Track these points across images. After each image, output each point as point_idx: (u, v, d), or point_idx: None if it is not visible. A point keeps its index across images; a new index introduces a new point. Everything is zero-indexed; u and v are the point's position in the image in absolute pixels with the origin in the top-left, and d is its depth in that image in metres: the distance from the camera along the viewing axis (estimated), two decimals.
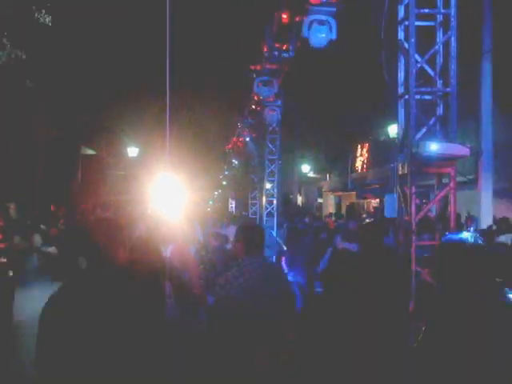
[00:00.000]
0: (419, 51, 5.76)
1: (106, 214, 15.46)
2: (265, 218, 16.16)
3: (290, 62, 10.71)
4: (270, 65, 11.22)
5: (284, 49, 10.02)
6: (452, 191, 5.70)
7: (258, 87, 11.72)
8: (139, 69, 20.23)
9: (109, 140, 28.51)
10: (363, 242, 7.41)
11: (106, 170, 28.09)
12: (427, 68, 5.83)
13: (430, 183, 6.33)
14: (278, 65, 11.09)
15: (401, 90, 5.97)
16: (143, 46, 17.99)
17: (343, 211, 29.94)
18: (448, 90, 5.70)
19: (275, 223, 16.07)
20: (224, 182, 36.56)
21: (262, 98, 12.26)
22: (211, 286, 8.33)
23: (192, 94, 21.93)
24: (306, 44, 7.46)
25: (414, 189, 5.65)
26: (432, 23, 5.89)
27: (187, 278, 6.46)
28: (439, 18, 5.86)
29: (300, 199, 38.43)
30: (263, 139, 16.51)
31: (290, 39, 9.42)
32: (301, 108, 22.54)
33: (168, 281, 5.25)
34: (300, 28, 7.55)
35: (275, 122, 14.86)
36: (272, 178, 16.34)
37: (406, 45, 5.77)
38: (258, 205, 19.80)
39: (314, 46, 7.25)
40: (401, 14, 5.94)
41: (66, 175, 23.42)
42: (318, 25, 7.20)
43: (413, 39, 5.65)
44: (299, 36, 8.01)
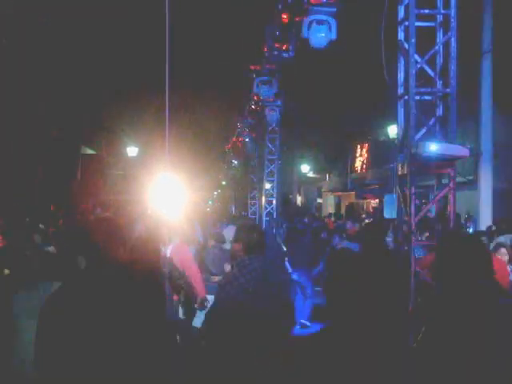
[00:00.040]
0: (419, 52, 5.76)
1: (105, 213, 15.47)
2: (264, 218, 16.15)
3: (289, 62, 10.72)
4: (269, 65, 11.23)
5: (284, 49, 10.03)
6: (451, 191, 5.70)
7: (258, 87, 11.74)
8: (139, 69, 20.22)
9: (109, 140, 28.52)
10: (364, 241, 7.42)
11: (105, 169, 28.11)
12: (427, 68, 5.82)
13: (430, 183, 6.34)
14: (277, 65, 11.10)
15: (400, 90, 5.97)
16: (143, 46, 17.99)
17: (343, 211, 29.99)
18: (448, 90, 5.70)
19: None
20: (223, 182, 36.57)
21: (261, 98, 12.27)
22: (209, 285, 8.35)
23: (192, 93, 21.92)
24: (306, 44, 7.45)
25: (413, 189, 5.64)
26: (432, 24, 5.89)
27: (188, 278, 6.48)
28: (439, 18, 5.85)
29: (299, 199, 38.44)
30: (263, 139, 16.50)
31: (290, 39, 9.42)
32: (301, 108, 22.52)
33: (167, 281, 5.26)
34: (300, 28, 7.55)
35: (275, 122, 14.86)
36: (271, 178, 16.33)
37: (406, 45, 5.76)
38: (257, 205, 19.78)
39: (314, 46, 7.25)
40: (401, 14, 5.94)
41: (66, 175, 23.41)
42: (317, 25, 7.20)
43: (413, 40, 5.64)
44: (299, 36, 8.00)
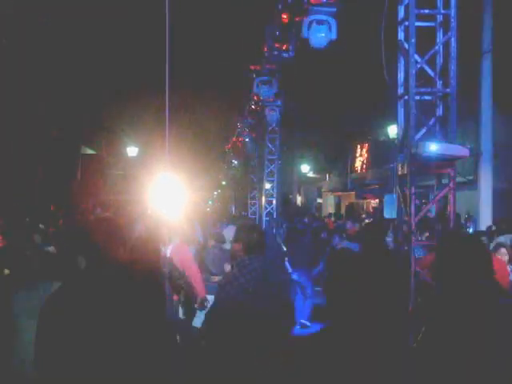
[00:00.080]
0: (419, 52, 5.76)
1: (105, 213, 15.47)
2: (264, 218, 16.15)
3: (289, 62, 10.72)
4: (269, 65, 11.23)
5: (284, 49, 10.03)
6: (451, 191, 5.70)
7: (258, 87, 11.74)
8: (139, 69, 20.22)
9: (109, 140, 28.52)
10: (364, 241, 7.41)
11: (105, 169, 28.11)
12: (427, 68, 5.82)
13: (430, 184, 6.34)
14: (277, 65, 11.10)
15: (400, 90, 5.96)
16: (143, 46, 17.99)
17: (343, 211, 29.99)
18: (448, 90, 5.69)
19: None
20: (223, 182, 36.57)
21: (261, 98, 12.27)
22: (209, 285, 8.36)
23: (192, 94, 21.92)
24: (306, 44, 7.45)
25: (413, 189, 5.64)
26: (432, 24, 5.89)
27: (188, 278, 6.48)
28: (439, 18, 5.85)
29: (299, 199, 38.44)
30: (263, 139, 16.50)
31: (290, 39, 9.42)
32: (301, 108, 22.52)
33: (167, 281, 5.26)
34: (300, 28, 7.54)
35: (275, 122, 14.86)
36: (271, 178, 16.32)
37: (406, 45, 5.76)
38: (257, 205, 19.78)
39: (314, 46, 7.24)
40: (401, 14, 5.93)
41: (66, 175, 23.40)
42: (317, 25, 7.19)
43: (413, 40, 5.64)
44: (299, 36, 8.00)
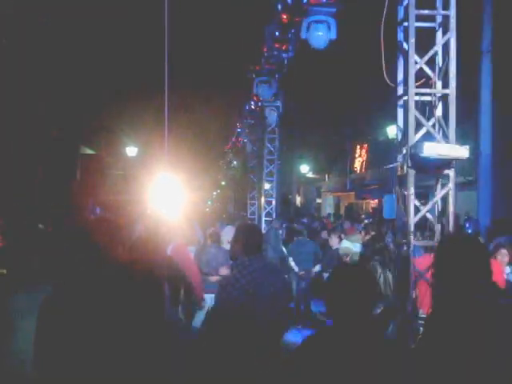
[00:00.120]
0: (418, 52, 5.76)
1: (105, 213, 15.47)
2: (264, 218, 16.16)
3: (289, 62, 10.73)
4: (269, 65, 11.24)
5: (283, 49, 10.04)
6: (451, 192, 5.71)
7: (258, 87, 11.74)
8: (139, 69, 20.22)
9: (108, 140, 28.50)
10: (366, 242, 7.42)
11: (105, 169, 28.08)
12: (426, 69, 5.82)
13: (429, 184, 6.34)
14: (277, 65, 11.11)
15: (400, 90, 5.97)
16: (143, 46, 17.99)
17: (342, 212, 30.00)
18: (447, 91, 5.70)
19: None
20: (223, 182, 36.57)
21: (261, 98, 12.28)
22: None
23: (191, 94, 21.92)
24: (306, 44, 7.45)
25: (412, 189, 5.65)
26: (431, 24, 5.89)
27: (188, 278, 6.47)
28: (439, 19, 5.86)
29: (299, 199, 38.45)
30: (262, 139, 16.51)
31: (290, 39, 9.43)
32: (300, 108, 22.54)
33: (168, 281, 5.26)
34: (299, 28, 7.54)
35: (274, 122, 14.87)
36: (271, 178, 16.33)
37: (406, 46, 5.76)
38: (256, 205, 19.78)
39: (314, 47, 7.24)
40: (400, 14, 5.94)
41: (66, 175, 23.39)
42: (316, 24, 7.18)
43: (412, 40, 5.64)
44: (299, 36, 8.00)
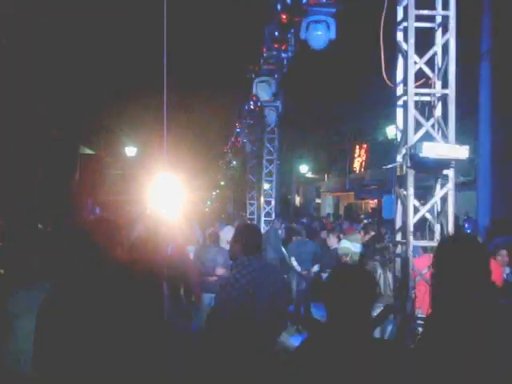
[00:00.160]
0: (418, 52, 5.76)
1: (104, 213, 15.46)
2: (263, 218, 16.15)
3: (288, 62, 10.74)
4: (268, 65, 11.24)
5: (283, 49, 10.04)
6: (450, 192, 5.71)
7: (257, 87, 11.73)
8: (138, 69, 20.22)
9: (107, 139, 28.47)
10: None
11: (104, 169, 28.04)
12: (426, 69, 5.82)
13: (429, 184, 6.33)
14: (276, 65, 11.12)
15: (399, 91, 5.97)
16: (142, 46, 17.99)
17: (341, 212, 30.01)
18: (447, 91, 5.70)
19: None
20: (222, 182, 36.57)
21: (260, 98, 12.27)
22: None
23: (191, 94, 21.92)
24: (305, 44, 7.44)
25: (412, 190, 5.65)
26: (431, 24, 5.89)
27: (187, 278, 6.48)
28: (438, 19, 5.86)
29: (298, 199, 38.45)
30: (261, 139, 16.50)
31: (289, 40, 9.43)
32: (300, 108, 22.54)
33: (168, 280, 5.26)
34: (299, 28, 7.53)
35: (274, 122, 14.87)
36: (270, 178, 16.32)
37: (405, 46, 5.76)
38: (255, 205, 19.79)
39: (314, 47, 7.23)
40: (400, 15, 5.94)
41: (65, 175, 23.36)
42: (315, 24, 7.17)
43: (412, 40, 5.64)
44: (298, 36, 8.00)
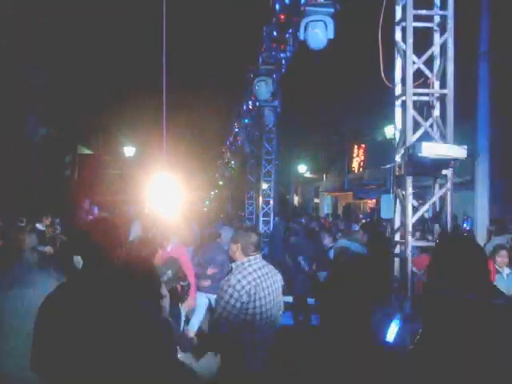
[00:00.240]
0: (416, 52, 5.76)
1: (103, 213, 15.45)
2: (262, 218, 16.16)
3: (287, 62, 10.74)
4: (267, 65, 11.24)
5: (281, 49, 10.04)
6: (448, 192, 5.72)
7: (256, 87, 11.72)
8: (137, 69, 20.20)
9: (106, 139, 28.44)
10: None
11: (102, 169, 28.01)
12: (424, 69, 5.83)
13: (427, 184, 6.34)
14: (275, 65, 11.12)
15: (398, 91, 5.98)
16: (142, 46, 17.97)
17: (340, 212, 30.00)
18: (445, 91, 5.71)
19: (271, 223, 16.08)
20: (221, 182, 36.55)
21: (259, 98, 12.26)
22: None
23: (190, 93, 21.90)
24: (304, 45, 7.43)
25: (410, 190, 5.66)
26: (429, 24, 5.89)
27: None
28: (436, 19, 5.86)
29: (296, 199, 38.46)
30: (260, 139, 16.50)
31: (288, 39, 9.43)
32: (298, 108, 22.53)
33: (170, 281, 5.27)
34: (297, 28, 7.53)
35: (272, 122, 14.87)
36: (269, 178, 16.32)
37: (404, 46, 5.77)
38: (254, 205, 19.79)
39: (313, 47, 7.22)
40: (398, 15, 5.95)
41: (63, 174, 23.35)
42: (313, 23, 7.16)
43: (410, 40, 5.65)
44: (296, 36, 8.00)
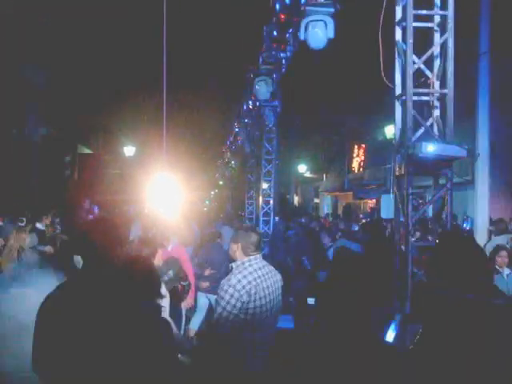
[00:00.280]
0: (416, 52, 5.76)
1: (102, 213, 15.46)
2: (261, 218, 16.15)
3: (287, 62, 10.74)
4: (267, 65, 11.23)
5: (281, 49, 10.04)
6: (449, 192, 5.72)
7: (256, 87, 11.71)
8: (137, 69, 20.21)
9: (106, 139, 28.46)
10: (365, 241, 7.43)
11: (102, 168, 28.01)
12: (424, 69, 5.83)
13: (427, 184, 6.34)
14: (275, 65, 11.11)
15: (398, 90, 5.97)
16: (142, 46, 17.98)
17: (340, 211, 29.99)
18: (445, 91, 5.70)
19: (271, 223, 16.07)
20: (221, 182, 36.54)
21: (259, 98, 12.25)
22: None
23: (190, 93, 21.90)
24: (304, 45, 7.42)
25: (410, 189, 5.65)
26: (429, 24, 5.89)
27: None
28: (437, 19, 5.86)
29: (296, 199, 38.47)
30: (260, 139, 16.49)
31: (288, 39, 9.42)
32: (298, 108, 22.53)
33: (171, 281, 5.27)
34: (298, 28, 7.52)
35: (272, 122, 14.85)
36: (269, 178, 16.31)
37: (404, 46, 5.77)
38: (254, 205, 19.79)
39: (313, 47, 7.21)
40: (398, 15, 5.94)
41: (63, 174, 23.36)
42: (313, 23, 7.15)
43: (410, 40, 5.65)
44: (297, 36, 7.99)
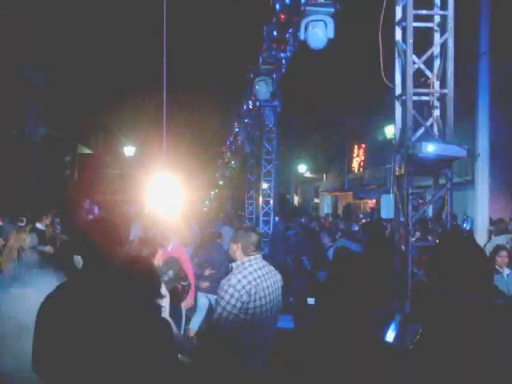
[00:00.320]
0: (416, 52, 5.76)
1: (102, 212, 15.46)
2: (262, 218, 16.15)
3: (287, 62, 10.74)
4: (267, 65, 11.23)
5: (281, 49, 10.04)
6: (448, 192, 5.72)
7: (256, 87, 11.71)
8: (137, 69, 20.21)
9: (106, 139, 28.46)
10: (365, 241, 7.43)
11: (102, 168, 28.01)
12: (424, 69, 5.83)
13: (427, 184, 6.34)
14: (275, 65, 11.11)
15: (398, 90, 5.97)
16: (142, 46, 17.98)
17: (340, 211, 29.99)
18: (445, 91, 5.70)
19: (271, 223, 16.08)
20: (221, 182, 36.54)
21: (259, 98, 12.25)
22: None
23: (190, 93, 21.90)
24: (304, 45, 7.42)
25: (410, 189, 5.65)
26: (429, 24, 5.89)
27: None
28: (437, 19, 5.86)
29: (296, 199, 38.47)
30: (260, 139, 16.49)
31: (288, 39, 9.42)
32: (298, 108, 22.53)
33: (172, 281, 5.27)
34: (298, 28, 7.52)
35: (272, 122, 14.85)
36: (269, 178, 16.31)
37: (404, 46, 5.77)
38: (254, 205, 19.79)
39: (313, 47, 7.21)
40: (398, 15, 5.95)
41: (63, 174, 23.37)
42: (313, 23, 7.15)
43: (410, 40, 5.65)
44: (297, 36, 7.99)
